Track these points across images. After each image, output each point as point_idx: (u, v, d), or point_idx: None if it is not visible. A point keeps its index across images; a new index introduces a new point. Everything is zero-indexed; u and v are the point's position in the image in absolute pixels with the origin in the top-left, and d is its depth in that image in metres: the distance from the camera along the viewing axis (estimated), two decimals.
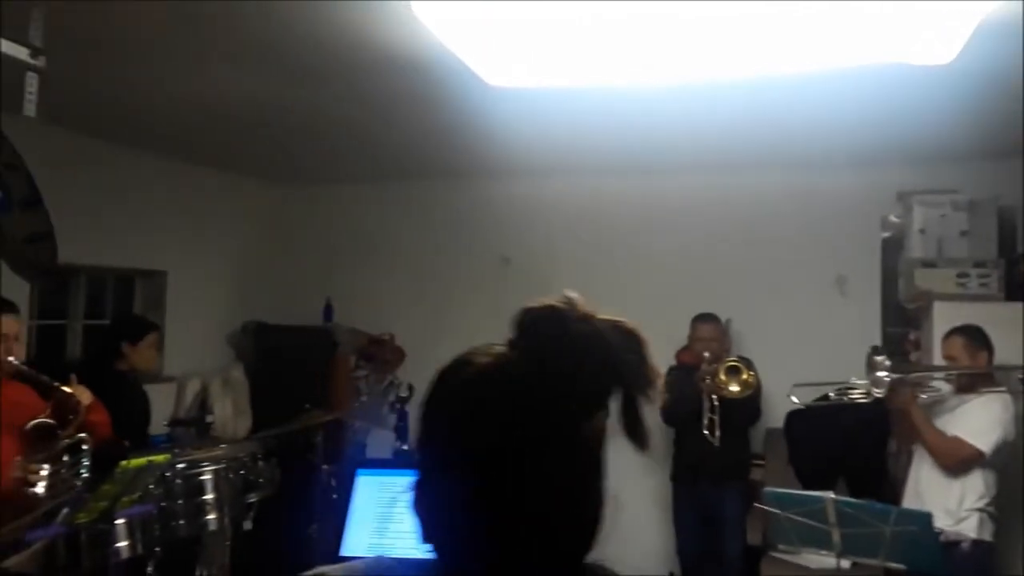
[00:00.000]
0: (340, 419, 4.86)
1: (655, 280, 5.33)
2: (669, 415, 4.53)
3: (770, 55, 3.01)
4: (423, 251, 5.98)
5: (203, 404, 5.43)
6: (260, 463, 4.18)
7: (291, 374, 5.53)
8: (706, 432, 4.31)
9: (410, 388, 5.47)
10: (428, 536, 0.79)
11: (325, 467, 4.29)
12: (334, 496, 4.38)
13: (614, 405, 0.80)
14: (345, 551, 1.45)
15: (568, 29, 2.76)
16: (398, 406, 5.47)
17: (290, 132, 4.63)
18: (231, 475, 3.92)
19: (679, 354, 4.72)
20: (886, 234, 4.97)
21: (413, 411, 5.42)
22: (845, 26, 2.70)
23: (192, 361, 5.55)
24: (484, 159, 5.08)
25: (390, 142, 4.81)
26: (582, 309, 0.82)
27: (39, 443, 3.02)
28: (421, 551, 0.80)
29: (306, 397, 4.68)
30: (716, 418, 4.33)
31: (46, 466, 2.94)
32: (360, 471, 1.53)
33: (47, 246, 3.30)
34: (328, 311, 5.94)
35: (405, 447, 4.73)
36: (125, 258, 5.14)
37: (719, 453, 4.35)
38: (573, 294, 0.83)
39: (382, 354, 5.84)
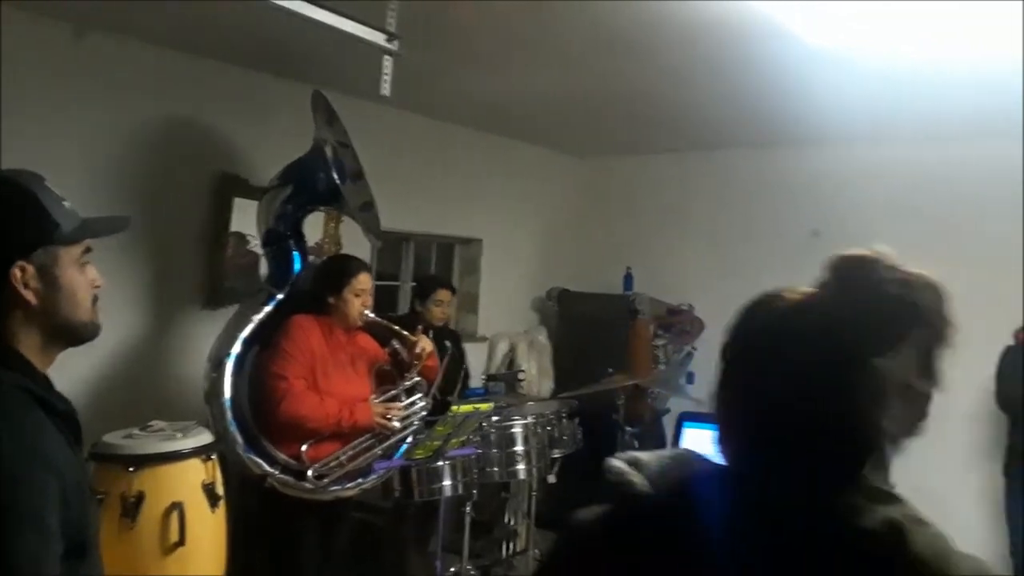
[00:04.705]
0: (639, 384, 4.96)
1: (985, 255, 4.79)
2: (1005, 400, 4.17)
3: None
4: (726, 223, 5.88)
5: (511, 363, 5.81)
6: (564, 421, 4.40)
7: (592, 339, 5.73)
8: None
9: None
10: (720, 441, 0.93)
11: (629, 429, 4.41)
12: None
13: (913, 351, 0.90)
14: None
15: None
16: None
17: (598, 107, 4.76)
18: (538, 430, 4.17)
19: (1018, 333, 4.25)
20: None
21: None
22: None
23: (502, 323, 5.96)
24: (795, 127, 4.86)
25: (697, 113, 4.76)
26: (892, 260, 0.92)
27: (385, 384, 3.44)
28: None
29: (606, 362, 4.82)
30: None
31: (399, 403, 3.36)
32: (686, 423, 1.57)
33: (374, 214, 3.71)
34: (628, 280, 6.06)
35: None
36: (447, 226, 5.63)
37: None
38: (885, 247, 0.92)
39: (681, 324, 5.86)
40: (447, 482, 3.66)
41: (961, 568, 0.87)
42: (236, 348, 3.38)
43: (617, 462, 0.99)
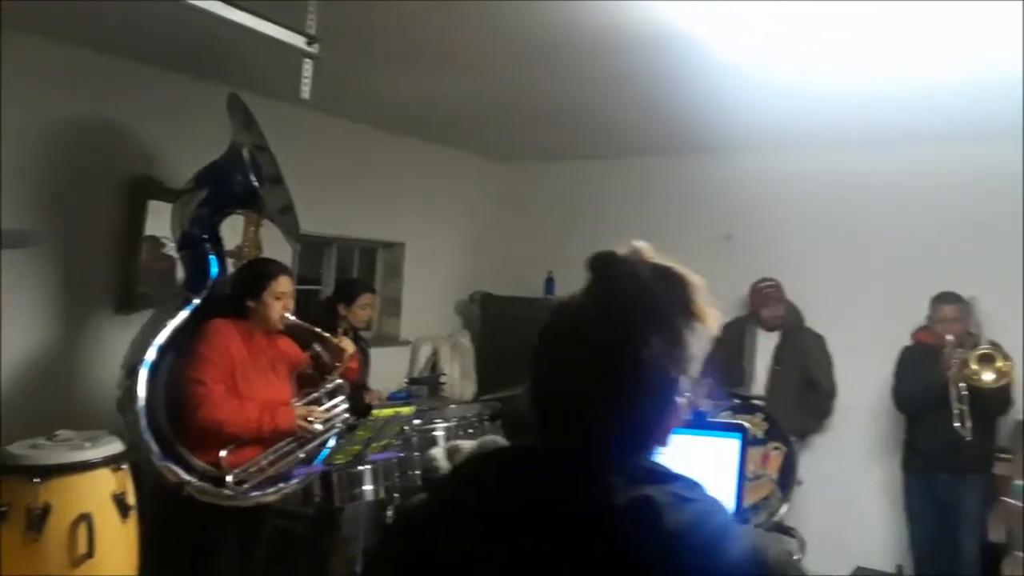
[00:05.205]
0: None
1: (887, 257, 5.03)
2: (903, 400, 4.37)
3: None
4: (644, 228, 5.91)
5: (433, 367, 5.80)
6: (486, 424, 4.42)
7: (514, 342, 5.74)
8: (956, 424, 4.04)
9: None
10: (534, 423, 1.00)
11: None
12: None
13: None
14: None
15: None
16: None
17: (519, 113, 4.80)
18: (460, 433, 4.18)
19: (916, 334, 4.46)
20: None
21: None
22: None
23: (425, 327, 5.95)
24: (708, 136, 5.01)
25: (615, 121, 4.86)
26: (640, 255, 0.99)
27: (306, 387, 3.42)
28: None
29: (528, 365, 4.86)
30: (966, 408, 4.05)
31: (320, 407, 3.36)
32: None
33: (293, 217, 3.68)
34: (550, 284, 6.13)
35: None
36: (369, 230, 5.59)
37: (962, 443, 4.07)
38: (641, 243, 1.00)
39: None
40: (368, 487, 3.64)
41: (733, 544, 0.89)
42: (151, 355, 3.29)
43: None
